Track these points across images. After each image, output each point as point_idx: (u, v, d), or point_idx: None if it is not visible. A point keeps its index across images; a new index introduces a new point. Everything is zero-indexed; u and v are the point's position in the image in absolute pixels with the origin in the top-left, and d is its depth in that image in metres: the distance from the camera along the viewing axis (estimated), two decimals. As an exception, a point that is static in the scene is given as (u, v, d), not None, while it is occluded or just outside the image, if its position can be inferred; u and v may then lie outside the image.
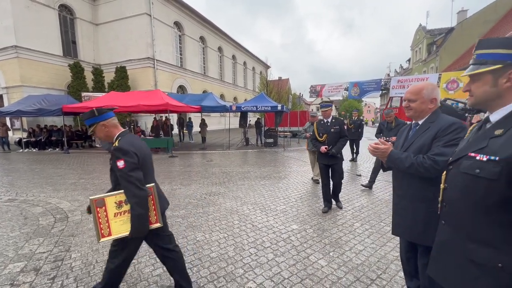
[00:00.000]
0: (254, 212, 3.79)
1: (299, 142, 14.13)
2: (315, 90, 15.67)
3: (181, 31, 21.80)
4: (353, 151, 8.31)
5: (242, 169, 7.04)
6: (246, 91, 35.16)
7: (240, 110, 11.68)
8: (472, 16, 22.52)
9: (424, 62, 27.50)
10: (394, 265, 2.40)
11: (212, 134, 19.44)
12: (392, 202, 1.73)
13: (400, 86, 11.92)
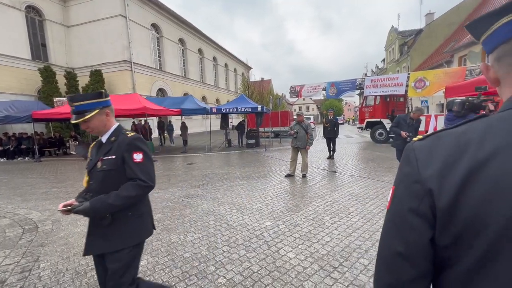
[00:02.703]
0: (230, 212, 3.88)
1: (281, 142, 14.39)
2: (294, 91, 16.01)
3: (159, 33, 21.45)
4: (330, 149, 8.62)
5: (222, 170, 7.10)
6: (228, 93, 35.15)
7: (220, 112, 11.73)
8: (438, 19, 24.04)
9: (397, 62, 28.93)
10: (356, 253, 2.60)
11: (194, 137, 19.29)
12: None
13: (373, 86, 12.51)
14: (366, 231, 3.08)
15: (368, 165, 7.34)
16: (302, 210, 3.85)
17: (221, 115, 13.24)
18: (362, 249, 2.67)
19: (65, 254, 2.78)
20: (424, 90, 10.85)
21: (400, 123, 5.28)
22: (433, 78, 10.66)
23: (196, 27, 26.14)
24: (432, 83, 10.56)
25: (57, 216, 3.90)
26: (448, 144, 0.50)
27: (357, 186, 5.11)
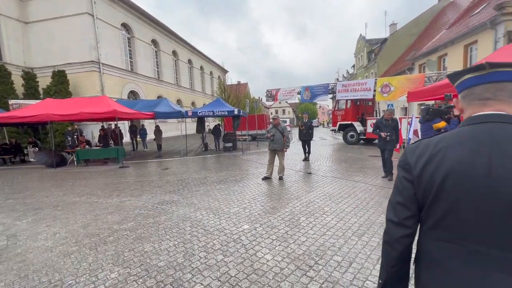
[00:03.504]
0: (207, 217, 3.82)
1: (258, 145, 14.49)
2: (271, 94, 16.27)
3: (130, 34, 20.56)
4: (305, 151, 8.88)
5: (199, 175, 6.97)
6: (204, 96, 34.66)
7: (196, 115, 11.51)
8: (400, 29, 26.06)
9: (365, 68, 30.75)
10: (330, 251, 2.70)
11: (169, 141, 18.68)
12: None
13: (344, 90, 13.14)
14: (339, 229, 3.22)
15: (341, 166, 7.67)
16: (279, 212, 3.91)
17: (197, 119, 13.00)
18: (336, 247, 2.78)
19: (22, 272, 2.53)
20: (390, 95, 11.63)
21: (379, 126, 5.79)
22: (397, 83, 11.49)
23: (170, 29, 25.50)
24: (396, 88, 11.37)
25: (13, 231, 3.54)
26: (422, 146, 0.85)
27: (331, 186, 5.31)
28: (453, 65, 13.89)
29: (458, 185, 0.74)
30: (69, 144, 10.23)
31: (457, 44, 13.64)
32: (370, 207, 3.97)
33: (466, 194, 0.73)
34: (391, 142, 5.66)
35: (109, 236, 3.25)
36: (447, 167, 0.76)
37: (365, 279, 2.21)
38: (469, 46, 13.07)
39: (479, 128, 0.79)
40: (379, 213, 3.71)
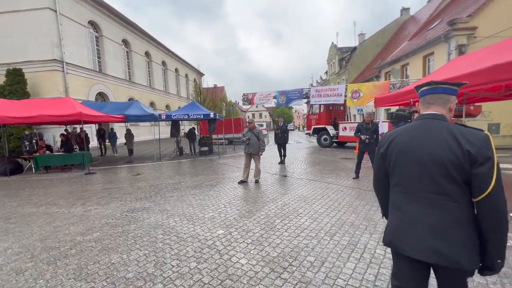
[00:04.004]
0: (180, 223, 3.70)
1: (235, 149, 14.43)
2: (247, 98, 16.38)
3: (98, 32, 19.46)
4: (281, 154, 9.03)
5: (172, 180, 6.74)
6: (179, 99, 33.81)
7: (170, 118, 11.18)
8: (368, 39, 27.82)
9: (337, 74, 32.27)
10: (303, 252, 2.76)
11: (142, 146, 17.89)
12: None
13: (318, 95, 13.67)
14: (312, 230, 3.30)
15: (315, 168, 7.92)
16: (255, 215, 3.91)
17: (172, 122, 12.63)
18: (309, 248, 2.85)
19: (-35, 295, 2.23)
20: (359, 100, 12.34)
21: (360, 129, 6.19)
22: (366, 90, 12.23)
23: (142, 29, 24.59)
24: (365, 94, 12.10)
25: (-46, 248, 3.12)
26: (387, 135, 1.38)
27: (305, 188, 5.45)
28: (414, 74, 15.13)
29: (404, 157, 1.27)
30: (26, 149, 9.30)
31: (417, 54, 14.90)
32: (341, 208, 4.14)
33: (408, 163, 1.26)
34: (370, 145, 6.00)
35: (71, 249, 3.01)
36: (397, 147, 1.31)
37: (336, 277, 2.29)
38: (427, 57, 14.35)
39: (421, 122, 1.29)
40: (349, 213, 3.88)
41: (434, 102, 1.28)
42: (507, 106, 9.19)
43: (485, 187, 1.08)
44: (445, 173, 1.15)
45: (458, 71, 4.53)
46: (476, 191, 1.12)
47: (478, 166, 1.10)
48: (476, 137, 1.14)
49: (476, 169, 1.11)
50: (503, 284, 2.14)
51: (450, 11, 15.67)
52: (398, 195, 1.31)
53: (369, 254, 2.67)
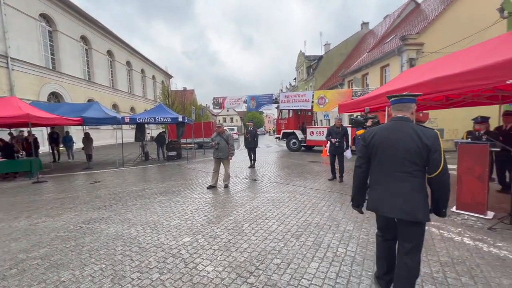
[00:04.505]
0: (143, 232, 3.49)
1: (205, 153, 14.14)
2: (217, 102, 16.25)
3: (52, 27, 17.77)
4: (251, 158, 9.07)
5: (136, 187, 6.35)
6: (146, 101, 32.24)
7: (135, 122, 10.56)
8: (333, 49, 29.56)
9: (305, 81, 33.65)
10: (270, 255, 2.78)
11: (103, 151, 16.64)
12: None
13: (287, 101, 14.10)
14: (279, 233, 3.36)
15: (284, 171, 8.10)
16: (223, 221, 3.86)
17: (136, 126, 11.95)
18: (276, 250, 2.89)
19: None
20: (325, 106, 13.00)
21: (331, 133, 6.50)
22: (331, 96, 12.95)
23: (104, 26, 23.04)
24: (330, 101, 12.79)
25: None
26: (369, 131, 1.97)
27: (274, 191, 5.54)
28: (373, 83, 16.43)
29: (383, 147, 1.84)
30: (-42, 156, 8.01)
31: (375, 65, 16.24)
32: (307, 209, 4.29)
33: (386, 150, 1.83)
34: (339, 147, 6.33)
35: (11, 269, 2.65)
36: (378, 139, 1.86)
37: (300, 278, 2.35)
38: (383, 68, 15.71)
39: (394, 122, 1.86)
40: (315, 214, 4.03)
41: (402, 108, 1.88)
42: (449, 114, 10.44)
43: (437, 168, 1.68)
44: (410, 158, 1.73)
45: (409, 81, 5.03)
46: (431, 170, 1.72)
47: (433, 154, 1.68)
48: (431, 134, 1.72)
49: (431, 156, 1.69)
50: (444, 272, 2.39)
51: (403, 27, 17.42)
52: (377, 174, 1.90)
53: (331, 253, 2.80)
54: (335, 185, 6.06)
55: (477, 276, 2.32)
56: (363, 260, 2.63)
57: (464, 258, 2.62)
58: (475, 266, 2.47)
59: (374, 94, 6.42)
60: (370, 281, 2.28)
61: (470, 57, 4.05)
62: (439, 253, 2.73)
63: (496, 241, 2.97)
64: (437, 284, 2.22)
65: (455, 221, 3.63)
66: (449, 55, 5.56)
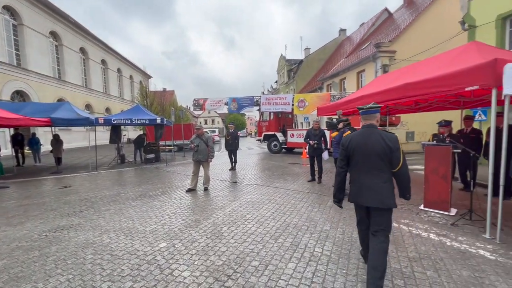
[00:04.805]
0: (116, 239, 3.33)
1: (185, 156, 13.84)
2: (198, 103, 16.00)
3: (17, 20, 16.52)
4: (232, 160, 9.03)
5: (110, 191, 6.06)
6: (122, 102, 30.95)
7: (110, 123, 10.10)
8: (312, 53, 30.38)
9: (286, 84, 34.22)
10: (248, 257, 2.78)
11: (75, 153, 15.73)
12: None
13: (268, 103, 14.23)
14: (258, 235, 3.37)
15: (264, 173, 8.15)
16: (201, 224, 3.79)
17: (112, 127, 11.43)
18: (254, 252, 2.89)
19: None
20: (305, 109, 13.31)
21: (309, 135, 6.61)
22: (310, 100, 13.28)
23: (76, 21, 21.86)
24: (310, 104, 13.12)
25: None
26: (347, 137, 2.37)
27: (254, 194, 5.55)
28: (350, 87, 17.10)
29: (358, 149, 2.24)
30: None
31: (352, 70, 16.93)
32: (286, 210, 4.34)
33: (360, 152, 2.23)
34: (317, 149, 6.47)
35: (-37, 284, 2.40)
36: (354, 143, 2.26)
37: (278, 279, 2.37)
38: (360, 73, 16.42)
39: (364, 129, 2.28)
40: (294, 215, 4.10)
41: (369, 118, 2.32)
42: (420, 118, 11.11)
43: (398, 163, 2.13)
44: (378, 157, 2.15)
45: (381, 87, 5.31)
46: (394, 166, 2.15)
47: (395, 153, 2.11)
48: (392, 137, 2.17)
49: (393, 154, 2.12)
50: (412, 267, 2.54)
51: (377, 35, 18.36)
52: (355, 171, 2.32)
53: (308, 253, 2.86)
54: (314, 186, 6.21)
55: (441, 269, 2.48)
56: (338, 259, 2.71)
57: (429, 253, 2.80)
58: (439, 260, 2.64)
59: (350, 98, 6.69)
60: (345, 279, 2.35)
61: (435, 65, 4.36)
62: (408, 249, 2.90)
63: (457, 235, 3.21)
64: (406, 278, 2.34)
65: (422, 218, 3.86)
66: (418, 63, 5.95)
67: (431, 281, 2.29)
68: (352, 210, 4.18)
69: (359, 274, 2.43)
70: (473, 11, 8.53)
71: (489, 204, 3.10)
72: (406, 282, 2.28)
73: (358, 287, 2.23)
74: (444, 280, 2.30)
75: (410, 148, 13.23)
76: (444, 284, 2.24)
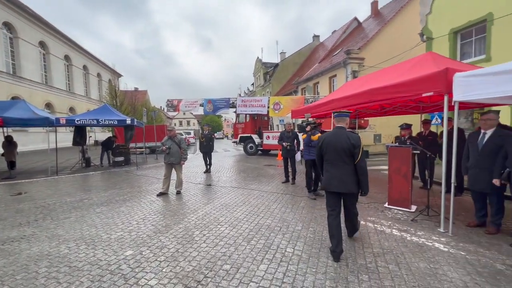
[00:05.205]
0: (76, 249, 3.07)
1: (157, 158, 13.30)
2: (172, 104, 15.50)
3: (-38, 7, 14.72)
4: (206, 163, 8.86)
5: (72, 198, 5.60)
6: (89, 101, 28.98)
7: (73, 123, 9.38)
8: (288, 57, 31.09)
9: (262, 87, 34.57)
10: (220, 261, 2.73)
11: (33, 157, 14.38)
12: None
13: (244, 105, 14.22)
14: (231, 238, 3.33)
15: (239, 175, 8.12)
16: (172, 229, 3.66)
17: (75, 128, 10.63)
18: (226, 256, 2.85)
19: None
20: (280, 112, 13.52)
21: (282, 137, 6.72)
22: (285, 102, 13.54)
23: (35, 13, 20.08)
24: (285, 107, 13.37)
25: None
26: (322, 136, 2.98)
27: (228, 196, 5.50)
28: (323, 91, 17.75)
29: (329, 147, 2.79)
30: None
31: (325, 75, 17.61)
32: (260, 212, 4.36)
33: (331, 149, 2.79)
34: (291, 151, 6.57)
35: None
36: (327, 142, 2.83)
37: (249, 281, 2.35)
38: (332, 78, 17.13)
39: (335, 130, 2.88)
40: (267, 217, 4.12)
41: (340, 121, 2.91)
42: (386, 121, 11.89)
43: (358, 157, 2.68)
44: (344, 152, 2.70)
45: (350, 91, 5.59)
46: (355, 159, 2.69)
47: (356, 149, 2.67)
48: (355, 137, 2.74)
49: (355, 150, 2.67)
50: (376, 262, 2.68)
51: (348, 42, 19.33)
52: (327, 164, 2.88)
53: (280, 253, 2.88)
54: (287, 187, 6.31)
55: (401, 262, 2.65)
56: (308, 258, 2.77)
57: (392, 248, 2.98)
58: (400, 254, 2.83)
59: (322, 101, 6.94)
60: (314, 277, 2.41)
61: (397, 73, 4.70)
62: (373, 245, 3.05)
63: (416, 230, 3.46)
64: (370, 273, 2.47)
65: (386, 215, 4.11)
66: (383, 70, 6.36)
67: (393, 275, 2.43)
68: (322, 210, 4.33)
69: (328, 271, 2.50)
70: (430, 25, 9.37)
71: (442, 200, 3.40)
72: (371, 277, 2.40)
73: (327, 284, 2.30)
74: (404, 273, 2.46)
75: (378, 149, 14.06)
76: (404, 277, 2.39)
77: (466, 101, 3.15)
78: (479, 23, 7.81)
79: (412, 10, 14.79)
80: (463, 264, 2.60)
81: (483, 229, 3.42)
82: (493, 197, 3.31)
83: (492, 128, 3.33)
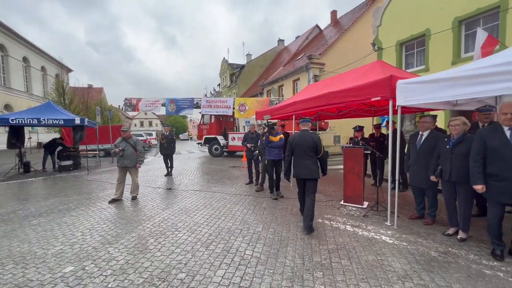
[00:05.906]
0: (1, 269, 2.62)
1: (113, 162, 12.26)
2: (130, 103, 14.51)
3: None
4: (167, 165, 8.43)
5: (2, 209, 4.82)
6: (30, 98, 25.58)
7: (6, 123, 8.13)
8: (254, 60, 31.41)
9: (229, 88, 34.34)
10: (175, 270, 2.57)
11: (-48, 162, 12.10)
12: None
13: (209, 106, 13.93)
14: (189, 244, 3.18)
15: (203, 178, 7.88)
16: (123, 239, 3.35)
17: (10, 128, 9.24)
18: (182, 263, 2.70)
19: None
20: (245, 113, 13.54)
21: (246, 139, 6.69)
22: (251, 104, 13.61)
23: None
24: (250, 108, 13.43)
25: None
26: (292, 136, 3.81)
27: (189, 200, 5.28)
28: (287, 93, 18.28)
29: (298, 145, 3.65)
30: None
31: (289, 78, 18.17)
32: (221, 215, 4.26)
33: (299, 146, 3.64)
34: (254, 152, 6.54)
35: None
36: (296, 141, 3.69)
37: (204, 289, 2.26)
38: (295, 81, 17.75)
39: (302, 132, 3.73)
40: (228, 219, 4.04)
41: (305, 125, 3.78)
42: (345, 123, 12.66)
43: (320, 152, 3.58)
44: (309, 148, 3.55)
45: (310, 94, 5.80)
46: (318, 154, 3.58)
47: (318, 146, 3.57)
48: (317, 137, 3.63)
49: (317, 147, 3.57)
50: (330, 258, 2.79)
51: (311, 47, 20.24)
52: (296, 158, 3.68)
53: (239, 257, 2.83)
54: (251, 188, 6.31)
55: (353, 257, 2.81)
56: (267, 259, 2.77)
57: (345, 243, 3.14)
58: (352, 249, 2.99)
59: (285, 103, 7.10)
60: (271, 278, 2.41)
61: (351, 78, 5.02)
62: (328, 242, 3.19)
63: (367, 225, 3.72)
64: (324, 270, 2.55)
65: (342, 212, 4.35)
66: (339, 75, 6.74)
67: (345, 269, 2.55)
68: (283, 210, 4.41)
69: (285, 272, 2.52)
70: (381, 36, 10.28)
71: (389, 196, 3.71)
72: (325, 273, 2.49)
73: (283, 284, 2.31)
74: (354, 266, 2.60)
75: (337, 150, 14.94)
76: (354, 270, 2.53)
77: (408, 105, 3.48)
78: (419, 37, 8.81)
79: (367, 21, 16.09)
80: (405, 254, 2.85)
81: (422, 220, 3.81)
82: (429, 192, 3.72)
83: (428, 130, 3.74)
